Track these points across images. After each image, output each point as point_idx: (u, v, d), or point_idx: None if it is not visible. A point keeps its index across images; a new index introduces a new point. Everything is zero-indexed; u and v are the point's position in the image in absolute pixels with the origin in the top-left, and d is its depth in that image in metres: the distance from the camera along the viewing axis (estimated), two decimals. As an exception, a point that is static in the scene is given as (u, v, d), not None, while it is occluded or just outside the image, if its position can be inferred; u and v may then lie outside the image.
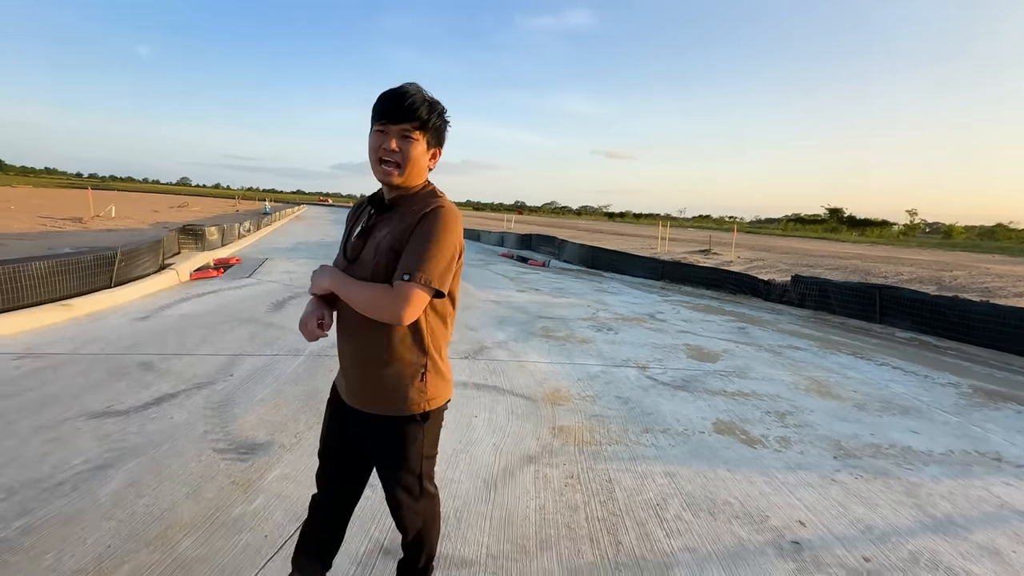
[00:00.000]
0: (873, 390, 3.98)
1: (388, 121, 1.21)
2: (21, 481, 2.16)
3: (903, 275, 12.37)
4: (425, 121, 1.21)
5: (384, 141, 1.21)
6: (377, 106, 1.23)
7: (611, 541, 1.95)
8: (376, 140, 1.23)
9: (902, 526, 2.16)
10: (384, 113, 1.21)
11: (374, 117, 1.24)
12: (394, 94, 1.22)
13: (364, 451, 1.38)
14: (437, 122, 1.25)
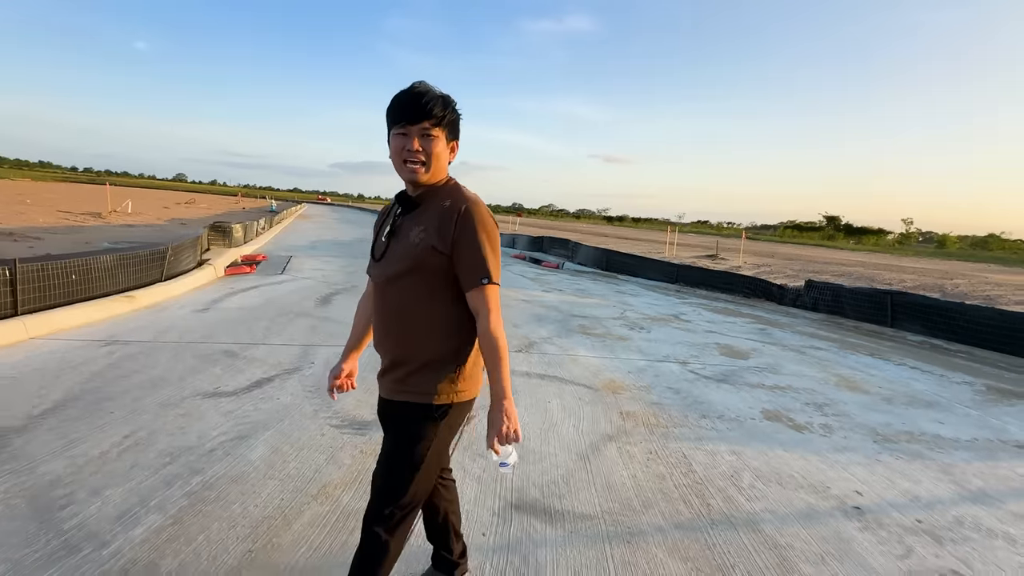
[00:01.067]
0: (896, 387, 4.32)
1: (407, 122, 1.24)
2: (177, 447, 2.45)
3: (906, 282, 12.80)
4: (442, 118, 1.26)
5: (406, 143, 1.25)
6: (394, 110, 1.27)
7: (701, 503, 2.27)
8: (398, 143, 1.26)
9: (944, 497, 2.49)
10: (402, 115, 1.25)
11: (392, 120, 1.27)
12: (410, 96, 1.25)
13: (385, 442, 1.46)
14: (452, 116, 1.30)
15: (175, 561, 1.71)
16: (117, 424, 2.66)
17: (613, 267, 12.39)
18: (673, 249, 17.59)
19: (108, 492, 2.07)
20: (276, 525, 1.93)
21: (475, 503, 2.15)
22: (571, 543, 1.94)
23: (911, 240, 67.36)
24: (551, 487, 2.32)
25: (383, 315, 1.35)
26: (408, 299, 1.30)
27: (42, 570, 1.63)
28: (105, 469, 2.23)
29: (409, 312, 1.30)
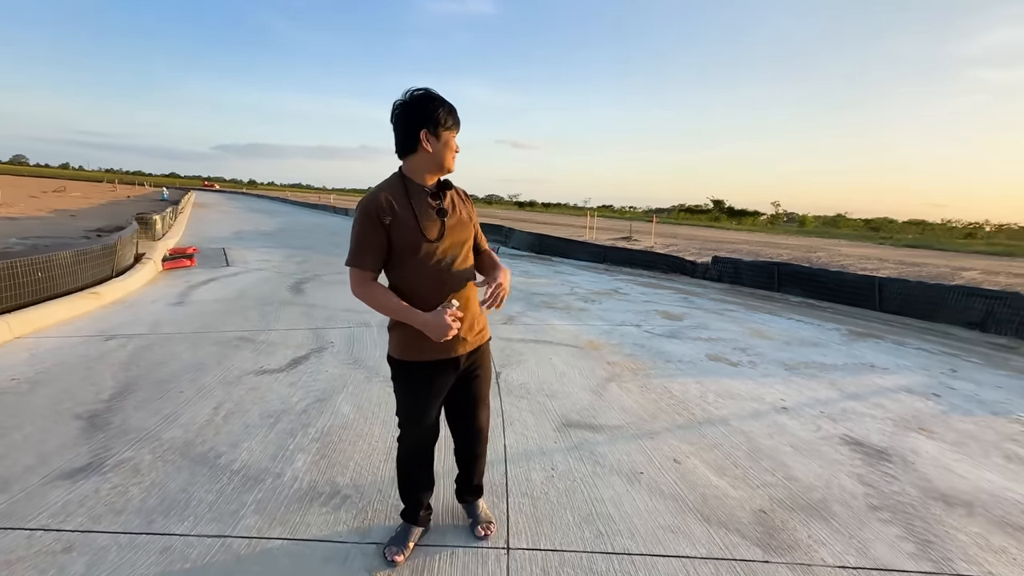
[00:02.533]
0: (791, 334, 5.68)
1: (457, 129, 1.57)
2: (272, 411, 2.88)
3: (783, 255, 15.30)
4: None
5: (455, 143, 1.58)
6: (452, 115, 1.54)
7: (687, 413, 3.18)
8: (453, 143, 1.57)
9: (833, 397, 3.65)
10: (457, 122, 1.56)
11: (451, 124, 1.54)
12: (454, 107, 1.55)
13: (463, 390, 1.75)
14: None
15: (345, 477, 2.25)
16: (197, 400, 2.98)
17: (546, 250, 13.40)
18: (593, 233, 19.13)
19: (245, 444, 2.49)
20: (400, 452, 2.50)
21: (537, 428, 2.87)
22: (614, 441, 2.74)
23: (779, 220, 77.56)
24: (584, 412, 3.11)
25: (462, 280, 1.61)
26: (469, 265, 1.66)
27: (245, 494, 2.09)
28: (225, 430, 2.62)
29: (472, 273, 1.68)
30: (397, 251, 1.53)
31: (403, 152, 1.56)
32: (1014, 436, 3.13)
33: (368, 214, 1.49)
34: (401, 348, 1.63)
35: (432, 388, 1.67)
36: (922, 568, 1.87)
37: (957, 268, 15.07)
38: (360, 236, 1.51)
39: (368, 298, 1.55)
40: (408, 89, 1.51)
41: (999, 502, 2.36)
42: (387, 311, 1.55)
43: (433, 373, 1.65)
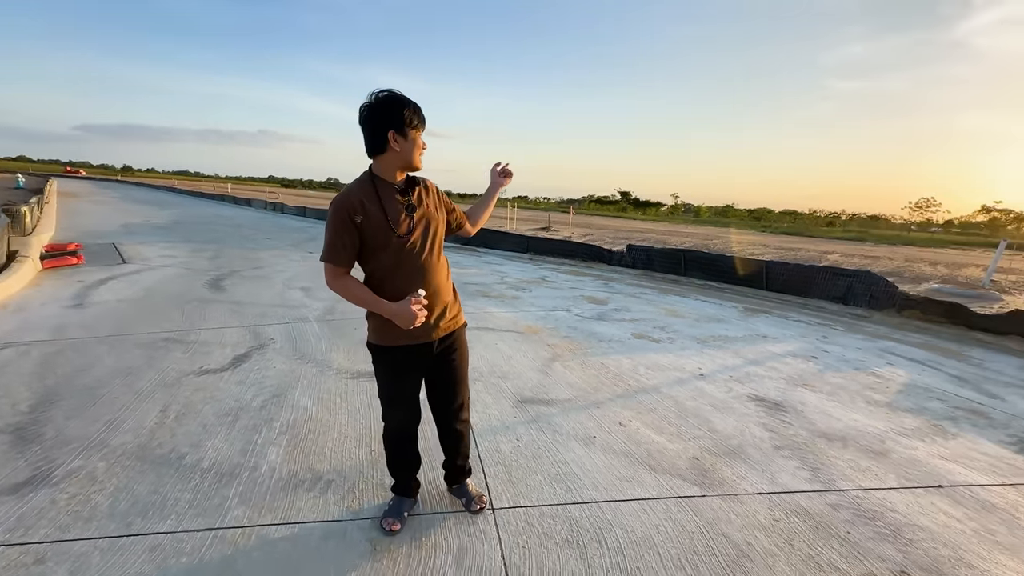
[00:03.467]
0: (699, 312, 6.41)
1: (423, 127, 1.65)
2: (228, 409, 2.83)
3: (686, 243, 16.81)
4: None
5: (422, 140, 1.66)
6: (418, 114, 1.62)
7: (624, 384, 3.58)
8: (420, 141, 1.65)
9: (738, 364, 4.28)
10: (422, 120, 1.64)
11: (417, 123, 1.62)
12: (419, 106, 1.62)
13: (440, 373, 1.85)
14: None
15: (324, 464, 2.31)
16: (138, 404, 2.82)
17: (471, 241, 13.55)
18: (514, 223, 19.58)
19: (209, 443, 2.44)
20: (376, 435, 2.60)
21: (497, 406, 3.09)
22: (566, 412, 3.05)
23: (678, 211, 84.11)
24: (536, 389, 3.38)
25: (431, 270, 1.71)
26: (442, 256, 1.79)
27: (224, 489, 2.09)
28: (181, 431, 2.54)
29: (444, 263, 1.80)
30: (369, 246, 1.63)
31: (372, 152, 1.64)
32: (871, 386, 3.91)
33: (340, 214, 1.59)
34: (377, 334, 1.74)
35: (407, 371, 1.79)
36: (815, 488, 2.38)
37: (823, 252, 17.56)
38: (333, 234, 1.61)
39: (342, 290, 1.65)
40: (373, 91, 1.59)
41: (863, 435, 3.00)
42: (359, 302, 1.66)
43: (407, 357, 1.76)
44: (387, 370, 1.79)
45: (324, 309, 5.24)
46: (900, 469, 2.61)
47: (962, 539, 2.06)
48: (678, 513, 2.11)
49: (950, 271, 13.48)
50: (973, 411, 3.50)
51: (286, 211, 22.70)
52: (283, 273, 7.25)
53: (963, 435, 3.09)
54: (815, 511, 2.19)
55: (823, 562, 1.88)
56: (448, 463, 2.08)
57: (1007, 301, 8.41)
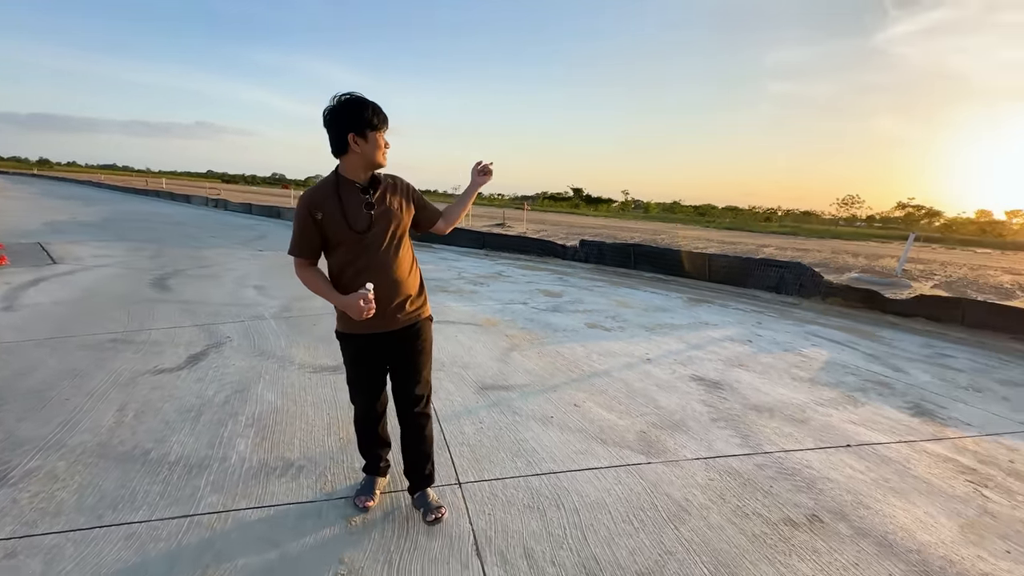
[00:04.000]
0: (647, 303, 6.80)
1: (385, 127, 1.72)
2: (190, 405, 2.83)
3: (635, 238, 17.48)
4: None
5: (383, 140, 1.73)
6: (378, 115, 1.68)
7: (578, 370, 3.82)
8: (382, 141, 1.72)
9: (682, 348, 4.63)
10: (383, 121, 1.71)
11: (378, 123, 1.68)
12: (379, 107, 1.69)
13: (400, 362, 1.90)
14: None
15: (294, 452, 2.39)
16: (92, 405, 2.78)
17: (427, 237, 13.53)
18: (469, 219, 19.64)
19: (174, 438, 2.46)
20: (344, 424, 2.69)
21: (459, 393, 3.24)
22: (525, 396, 3.24)
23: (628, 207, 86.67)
24: (495, 377, 3.56)
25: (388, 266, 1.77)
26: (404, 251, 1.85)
27: (195, 479, 2.14)
28: (142, 429, 2.54)
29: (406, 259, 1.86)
30: (331, 241, 1.74)
31: (336, 153, 1.73)
32: (797, 364, 4.35)
33: (303, 210, 1.72)
34: (341, 322, 1.87)
35: (368, 358, 1.88)
36: (745, 452, 2.69)
37: (760, 245, 18.72)
38: (296, 230, 1.76)
39: (304, 280, 1.80)
40: (336, 95, 1.66)
41: (788, 406, 3.37)
42: (316, 291, 1.79)
43: (368, 345, 1.85)
44: (350, 356, 1.91)
45: (281, 306, 5.19)
46: (816, 433, 2.98)
47: (863, 487, 2.42)
48: (626, 478, 2.35)
49: (869, 262, 14.77)
50: (880, 383, 3.99)
51: (230, 208, 21.72)
52: (233, 272, 7.05)
53: (871, 403, 3.53)
54: (744, 471, 2.49)
55: (749, 512, 2.16)
56: (409, 465, 2.02)
57: (915, 287, 9.38)
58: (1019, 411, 3.58)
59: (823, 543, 1.99)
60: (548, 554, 1.82)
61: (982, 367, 4.67)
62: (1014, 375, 4.48)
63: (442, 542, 1.86)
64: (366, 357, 1.89)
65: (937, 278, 11.70)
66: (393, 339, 1.86)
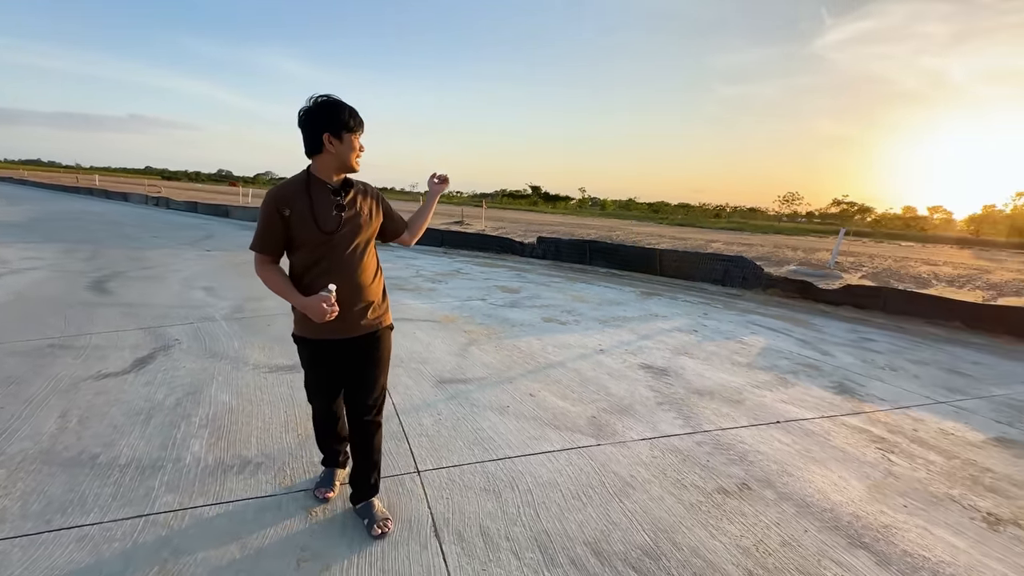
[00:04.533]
0: (601, 297, 7.05)
1: (360, 130, 1.72)
2: (139, 408, 2.78)
3: (591, 234, 17.90)
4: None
5: (358, 144, 1.73)
6: (355, 118, 1.69)
7: (534, 362, 3.96)
8: (356, 143, 1.72)
9: (633, 339, 4.86)
10: (359, 124, 1.71)
11: (353, 126, 1.69)
12: (356, 110, 1.69)
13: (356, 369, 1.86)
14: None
15: (251, 450, 2.40)
16: (31, 412, 2.67)
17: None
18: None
19: (123, 442, 2.42)
20: (302, 420, 2.71)
21: (417, 388, 3.31)
22: (482, 388, 3.35)
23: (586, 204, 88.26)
24: (453, 371, 3.65)
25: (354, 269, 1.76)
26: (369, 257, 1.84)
27: (148, 480, 2.12)
28: (88, 434, 2.47)
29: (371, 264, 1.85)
30: (296, 240, 1.71)
31: (310, 153, 1.72)
32: (737, 351, 4.67)
33: (270, 206, 1.68)
34: (299, 326, 1.83)
35: (324, 362, 1.85)
36: (685, 431, 2.91)
37: (709, 240, 19.59)
38: (261, 225, 1.72)
39: (264, 278, 1.75)
40: (312, 95, 1.67)
41: (726, 389, 3.64)
42: (276, 290, 1.75)
43: (326, 350, 1.82)
44: (307, 360, 1.89)
45: (232, 307, 5.07)
46: (750, 412, 3.24)
47: (788, 458, 2.67)
48: (577, 460, 2.50)
49: (807, 255, 15.77)
50: (809, 366, 4.35)
51: (173, 207, 20.64)
52: (179, 273, 6.78)
53: (800, 384, 3.86)
54: (684, 448, 2.70)
55: (687, 483, 2.36)
56: (355, 473, 1.97)
57: (845, 278, 10.13)
58: (927, 387, 4.01)
59: (750, 507, 2.20)
60: (503, 531, 1.94)
61: (898, 349, 5.16)
62: (925, 356, 4.98)
63: (401, 526, 1.94)
64: (324, 360, 1.86)
65: (865, 269, 12.65)
66: (352, 346, 1.83)
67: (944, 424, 3.27)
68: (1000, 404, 3.73)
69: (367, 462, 1.95)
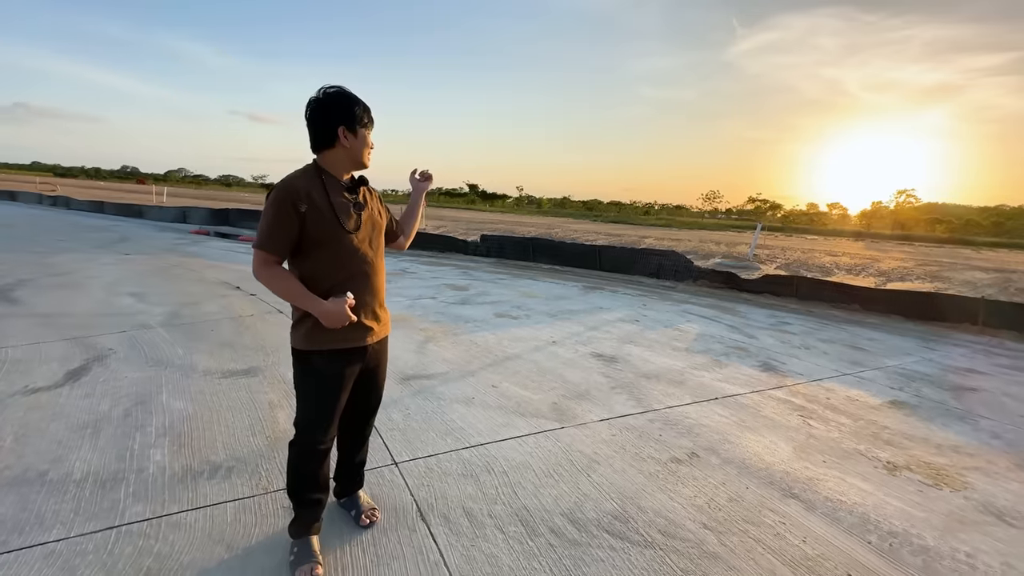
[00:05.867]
0: (549, 292, 7.31)
1: (372, 126, 1.66)
2: (86, 421, 2.63)
3: (532, 232, 18.30)
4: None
5: (370, 140, 1.66)
6: (367, 113, 1.63)
7: (491, 355, 4.10)
8: (369, 140, 1.66)
9: (581, 331, 5.13)
10: (372, 120, 1.65)
11: (367, 122, 1.62)
12: (368, 105, 1.63)
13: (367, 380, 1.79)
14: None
15: (219, 455, 2.36)
16: (-45, 432, 2.44)
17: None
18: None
19: (72, 456, 2.28)
20: (268, 423, 2.67)
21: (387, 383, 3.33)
22: (446, 383, 3.44)
23: (523, 202, 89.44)
24: (415, 368, 3.70)
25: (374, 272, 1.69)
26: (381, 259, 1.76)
27: (112, 492, 2.04)
28: (30, 451, 2.32)
29: (384, 267, 1.78)
30: (310, 240, 1.55)
31: (319, 147, 1.61)
32: (676, 338, 5.07)
33: (283, 201, 1.51)
34: (309, 338, 1.61)
35: (342, 377, 1.67)
36: (638, 411, 3.17)
37: (642, 236, 20.66)
38: (272, 221, 1.52)
39: (269, 280, 1.55)
40: (322, 87, 1.58)
41: (670, 372, 3.97)
42: (287, 295, 1.56)
43: (342, 362, 1.65)
44: (320, 377, 1.65)
45: (168, 313, 4.78)
46: (693, 391, 3.58)
47: (727, 428, 3.00)
48: (545, 442, 2.68)
49: (729, 249, 17.07)
50: (739, 348, 4.81)
51: (74, 207, 18.66)
52: (98, 279, 6.24)
53: (732, 365, 4.28)
54: (639, 425, 2.96)
55: (644, 456, 2.60)
56: (346, 474, 1.97)
57: (762, 269, 11.13)
58: (834, 362, 4.59)
59: (700, 472, 2.48)
60: (485, 510, 2.07)
61: (810, 330, 5.81)
62: (831, 335, 5.65)
63: (388, 514, 2.01)
64: (340, 376, 1.67)
65: (779, 261, 13.93)
66: (365, 354, 1.73)
67: (850, 392, 3.79)
68: (892, 373, 4.35)
69: (361, 462, 1.98)
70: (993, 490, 2.51)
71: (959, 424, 3.32)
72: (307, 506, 1.75)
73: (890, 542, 2.04)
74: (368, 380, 1.82)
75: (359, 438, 1.95)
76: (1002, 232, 60.67)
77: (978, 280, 13.12)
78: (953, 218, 66.39)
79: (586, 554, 1.85)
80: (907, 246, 30.67)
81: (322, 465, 1.75)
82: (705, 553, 1.90)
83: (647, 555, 1.87)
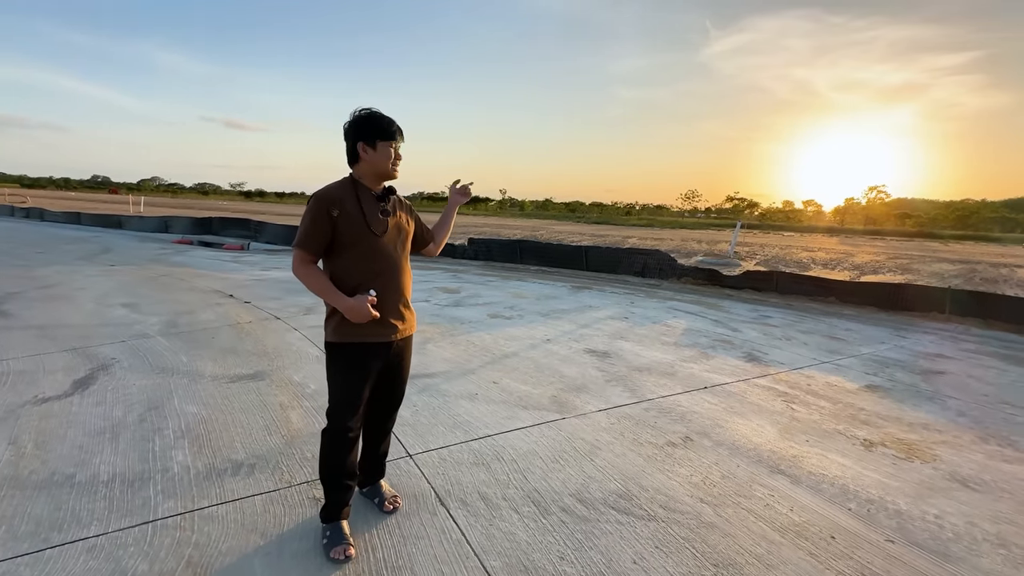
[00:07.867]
0: (539, 292, 7.48)
1: (395, 139, 1.79)
2: (101, 428, 2.70)
3: (517, 234, 18.47)
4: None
5: (395, 153, 1.81)
6: (388, 128, 1.76)
7: (490, 354, 4.25)
8: (391, 152, 1.79)
9: (573, 329, 5.30)
10: (393, 134, 1.78)
11: (391, 135, 1.76)
12: (392, 119, 1.78)
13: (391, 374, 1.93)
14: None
15: (239, 453, 2.46)
16: (-26, 442, 2.49)
17: (307, 243, 12.88)
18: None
19: (95, 460, 2.36)
20: (283, 423, 2.77)
21: (385, 384, 3.45)
22: (449, 380, 3.58)
23: (506, 205, 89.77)
24: (416, 367, 3.80)
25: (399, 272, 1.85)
26: (407, 263, 1.92)
27: (141, 491, 2.13)
28: (52, 457, 2.38)
29: (409, 270, 1.94)
30: (342, 242, 1.73)
31: (350, 161, 1.82)
32: (664, 333, 5.28)
33: (320, 206, 1.71)
34: (338, 332, 1.78)
35: (366, 368, 1.81)
36: (634, 401, 3.35)
37: (625, 236, 21.01)
38: (310, 224, 1.72)
39: (305, 277, 1.74)
40: (355, 109, 1.80)
41: (660, 365, 4.17)
42: (318, 290, 1.74)
43: (368, 354, 1.81)
44: (346, 367, 1.81)
45: (165, 323, 4.81)
46: (683, 381, 3.78)
47: (716, 414, 3.20)
48: (548, 432, 2.83)
49: (710, 246, 17.49)
50: (724, 341, 5.04)
51: (48, 218, 18.23)
52: (88, 291, 6.21)
53: (718, 356, 4.50)
54: (635, 414, 3.14)
55: (642, 441, 2.78)
56: (370, 465, 2.10)
57: (743, 265, 11.49)
58: (814, 351, 4.84)
59: (694, 454, 2.67)
60: (499, 494, 2.21)
61: (790, 322, 6.09)
62: (810, 326, 5.93)
63: (408, 501, 2.14)
64: (365, 367, 1.82)
65: (758, 257, 14.35)
66: (390, 349, 1.87)
67: (829, 378, 4.03)
68: (867, 360, 4.62)
69: (380, 450, 2.11)
70: (959, 460, 2.74)
71: (929, 404, 3.58)
72: (338, 490, 1.88)
73: (868, 508, 2.24)
74: (392, 375, 1.96)
75: (382, 430, 2.09)
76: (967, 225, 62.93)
77: (945, 271, 13.74)
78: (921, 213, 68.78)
79: (596, 528, 2.01)
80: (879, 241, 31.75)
81: (351, 452, 1.88)
82: (703, 523, 2.08)
83: (651, 527, 2.03)
